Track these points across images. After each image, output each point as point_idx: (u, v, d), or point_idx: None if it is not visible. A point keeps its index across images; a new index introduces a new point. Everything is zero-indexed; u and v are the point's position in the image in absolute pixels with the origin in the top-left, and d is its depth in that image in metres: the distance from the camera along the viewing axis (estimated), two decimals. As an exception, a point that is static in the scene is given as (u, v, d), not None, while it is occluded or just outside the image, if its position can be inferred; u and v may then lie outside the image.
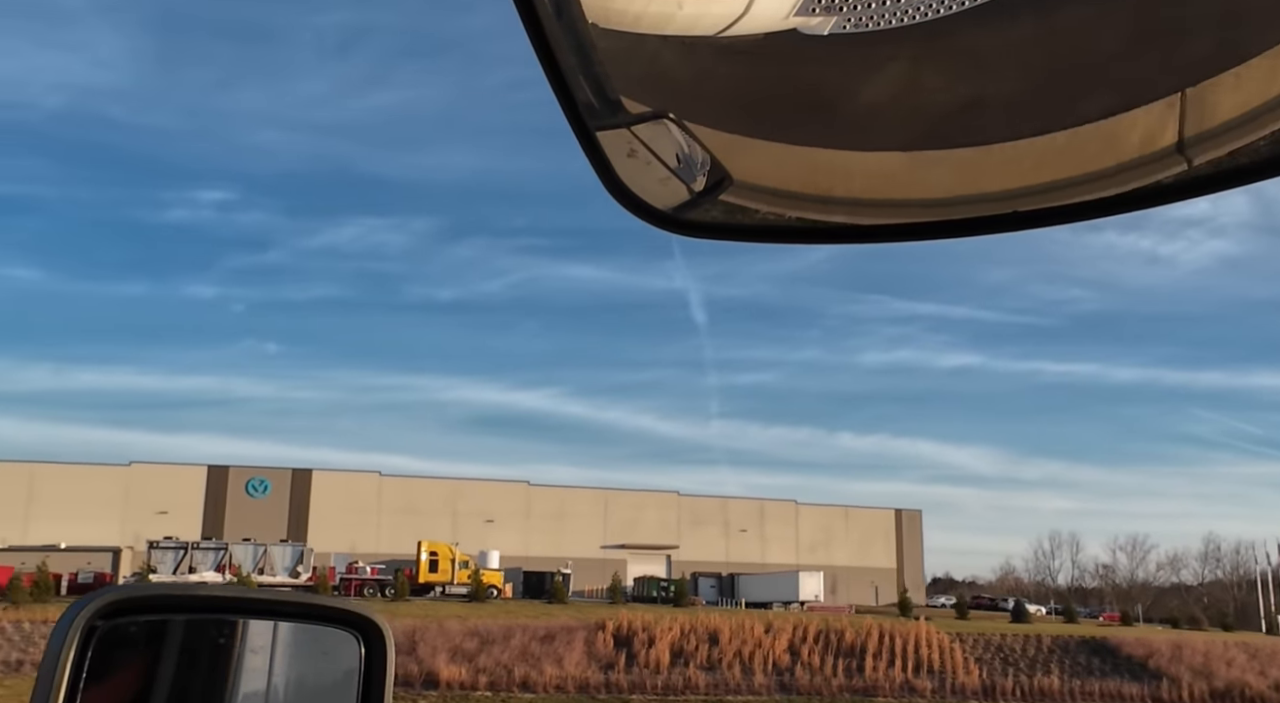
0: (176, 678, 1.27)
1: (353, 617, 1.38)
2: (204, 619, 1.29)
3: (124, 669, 1.22)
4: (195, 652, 1.29)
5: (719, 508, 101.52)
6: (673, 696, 38.74)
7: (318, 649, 1.36)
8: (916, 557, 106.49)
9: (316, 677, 1.38)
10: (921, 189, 0.98)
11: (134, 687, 1.23)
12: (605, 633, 44.12)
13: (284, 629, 1.34)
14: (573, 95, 0.95)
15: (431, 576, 61.17)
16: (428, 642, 41.78)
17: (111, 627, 1.20)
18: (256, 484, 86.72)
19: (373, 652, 1.38)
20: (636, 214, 1.02)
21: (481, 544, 78.04)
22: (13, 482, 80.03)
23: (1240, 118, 0.81)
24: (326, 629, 1.37)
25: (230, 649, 1.29)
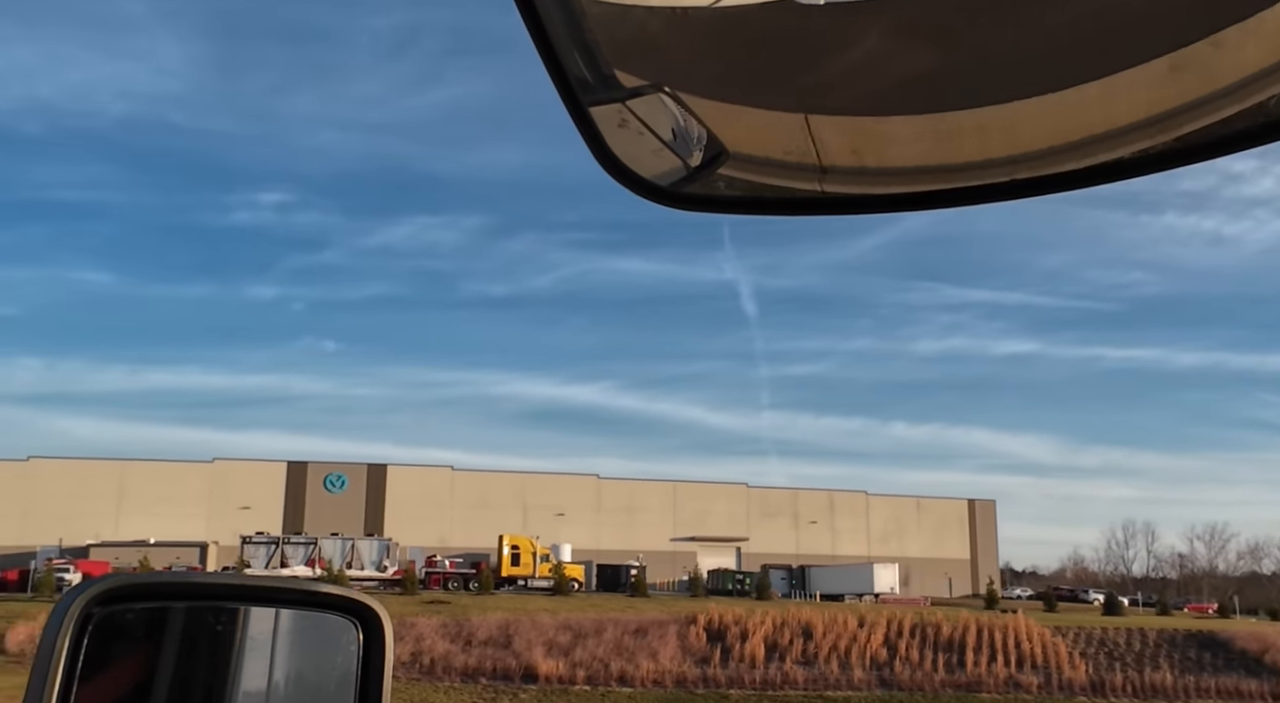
0: (175, 666, 1.24)
1: (351, 604, 1.36)
2: (203, 607, 1.26)
3: (121, 657, 1.20)
4: (194, 639, 1.27)
5: (789, 500, 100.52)
6: (771, 691, 38.15)
7: (317, 636, 1.34)
8: (991, 548, 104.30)
9: (316, 664, 1.34)
10: (925, 156, 0.96)
11: (132, 674, 1.21)
12: (697, 627, 43.68)
13: (283, 617, 1.31)
14: (564, 70, 0.95)
15: (513, 569, 61.38)
16: (522, 635, 41.77)
17: (108, 614, 1.18)
18: (334, 480, 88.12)
19: (371, 639, 1.35)
20: (634, 190, 1.01)
21: (553, 538, 78.28)
22: (105, 479, 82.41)
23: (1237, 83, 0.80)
24: (325, 616, 1.35)
25: (229, 637, 1.27)
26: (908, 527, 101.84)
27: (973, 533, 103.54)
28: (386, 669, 1.37)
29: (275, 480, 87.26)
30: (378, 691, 1.36)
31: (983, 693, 37.96)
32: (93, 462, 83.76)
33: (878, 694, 37.94)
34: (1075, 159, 0.89)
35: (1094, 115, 0.87)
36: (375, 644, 1.38)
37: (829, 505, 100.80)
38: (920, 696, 37.67)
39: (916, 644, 41.82)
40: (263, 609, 1.32)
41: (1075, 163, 0.90)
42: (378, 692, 1.36)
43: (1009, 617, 44.98)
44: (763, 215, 1.06)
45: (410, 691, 36.55)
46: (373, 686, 1.36)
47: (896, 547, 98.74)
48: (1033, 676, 39.21)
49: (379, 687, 1.36)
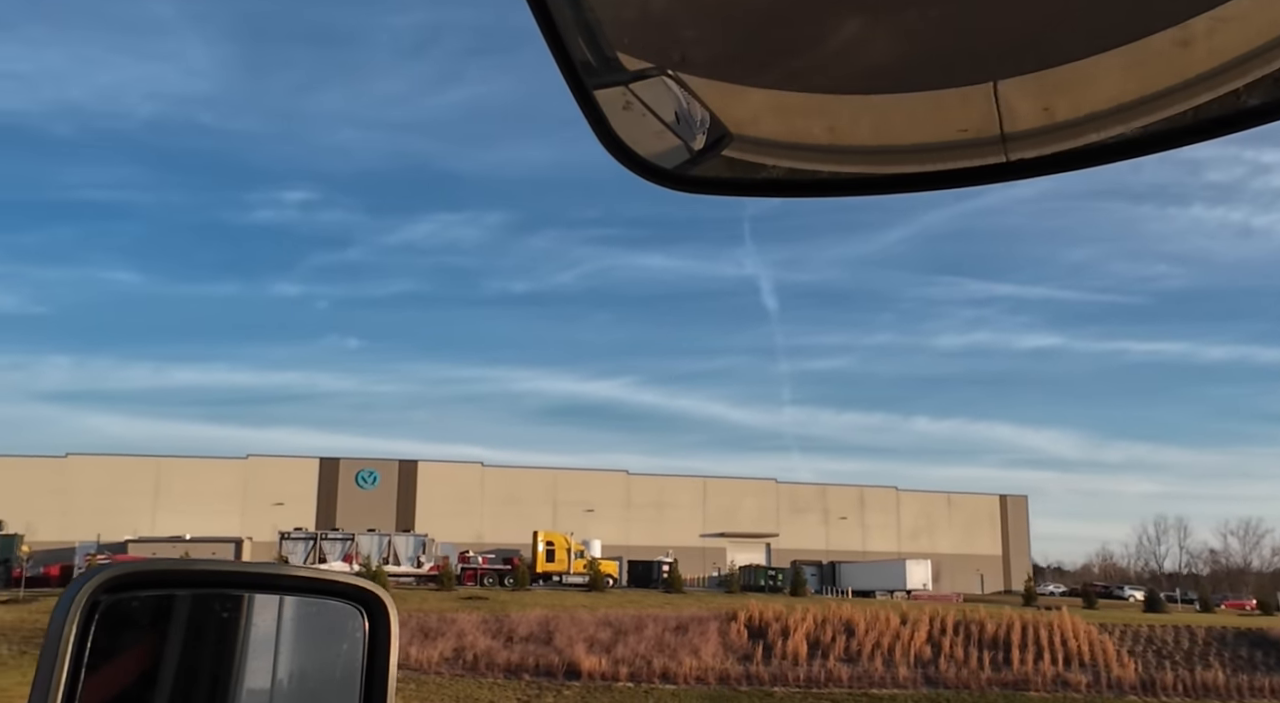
0: (181, 653, 1.25)
1: (356, 590, 1.36)
2: (209, 594, 1.27)
3: (129, 644, 1.21)
4: (200, 627, 1.27)
5: (818, 495, 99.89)
6: (815, 688, 37.77)
7: (323, 624, 1.34)
8: (1023, 544, 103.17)
9: (322, 651, 1.35)
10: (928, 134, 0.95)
11: (139, 661, 1.22)
12: (738, 624, 43.38)
13: (289, 604, 1.31)
14: (568, 53, 0.95)
15: (548, 565, 61.30)
16: (562, 632, 41.63)
17: (115, 602, 1.19)
18: (366, 476, 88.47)
19: (376, 625, 1.36)
20: (639, 173, 1.01)
21: (582, 533, 78.17)
22: (141, 475, 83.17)
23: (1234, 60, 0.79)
24: (331, 603, 1.35)
25: (236, 624, 1.27)
26: (938, 523, 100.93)
27: (1004, 529, 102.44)
28: (392, 656, 1.37)
29: (308, 477, 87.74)
30: (383, 678, 1.35)
31: (1030, 691, 37.39)
32: (129, 458, 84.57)
33: (923, 693, 37.47)
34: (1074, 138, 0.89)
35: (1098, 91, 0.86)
36: (381, 631, 1.37)
37: (859, 501, 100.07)
38: (967, 694, 37.16)
39: (960, 642, 41.29)
40: (268, 597, 1.31)
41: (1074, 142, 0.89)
42: (383, 679, 1.35)
43: (1053, 614, 44.33)
44: (768, 197, 1.04)
45: (454, 687, 36.50)
46: (379, 673, 1.35)
47: (927, 543, 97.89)
48: (1081, 674, 38.58)
49: (385, 674, 1.35)
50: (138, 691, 1.23)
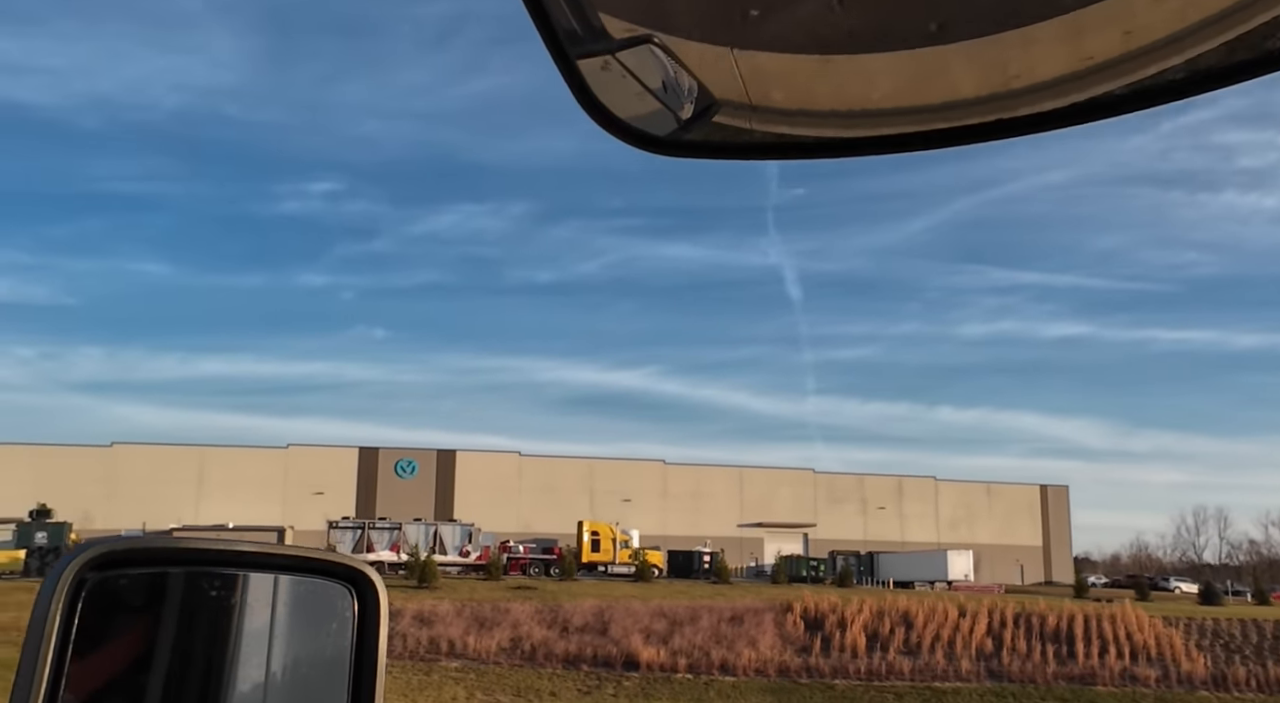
0: (171, 631, 1.24)
1: (345, 569, 1.36)
2: (197, 572, 1.26)
3: (116, 623, 1.20)
4: (189, 605, 1.25)
5: (856, 485, 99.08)
6: (877, 681, 37.19)
7: (313, 603, 1.34)
8: (1064, 535, 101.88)
9: (312, 630, 1.34)
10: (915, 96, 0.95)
11: (127, 640, 1.21)
12: (793, 615, 42.85)
13: (279, 583, 1.31)
14: (552, 22, 0.94)
15: (594, 555, 61.04)
16: (618, 622, 41.29)
17: (102, 580, 1.17)
18: (405, 465, 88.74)
19: (366, 604, 1.35)
20: (626, 140, 1.01)
21: (621, 523, 77.96)
22: (184, 464, 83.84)
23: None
24: (320, 582, 1.34)
25: (225, 602, 1.26)
26: (978, 513, 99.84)
27: (1045, 519, 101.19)
28: (382, 636, 1.35)
29: (347, 466, 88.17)
30: (373, 657, 1.34)
31: (1098, 686, 36.60)
32: (173, 448, 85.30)
33: (988, 686, 36.78)
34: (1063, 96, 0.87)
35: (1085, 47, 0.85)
36: (370, 610, 1.34)
37: (897, 491, 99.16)
38: (1033, 688, 36.43)
39: (1022, 634, 40.53)
40: (259, 576, 1.30)
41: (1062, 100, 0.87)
42: (373, 658, 1.34)
43: (1115, 606, 43.44)
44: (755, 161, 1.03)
45: (514, 677, 36.29)
46: (368, 652, 1.34)
47: (966, 533, 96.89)
48: (1149, 668, 37.74)
49: (374, 653, 1.34)
50: (130, 670, 1.19)
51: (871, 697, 35.90)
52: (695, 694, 35.81)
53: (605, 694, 35.20)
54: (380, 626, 1.36)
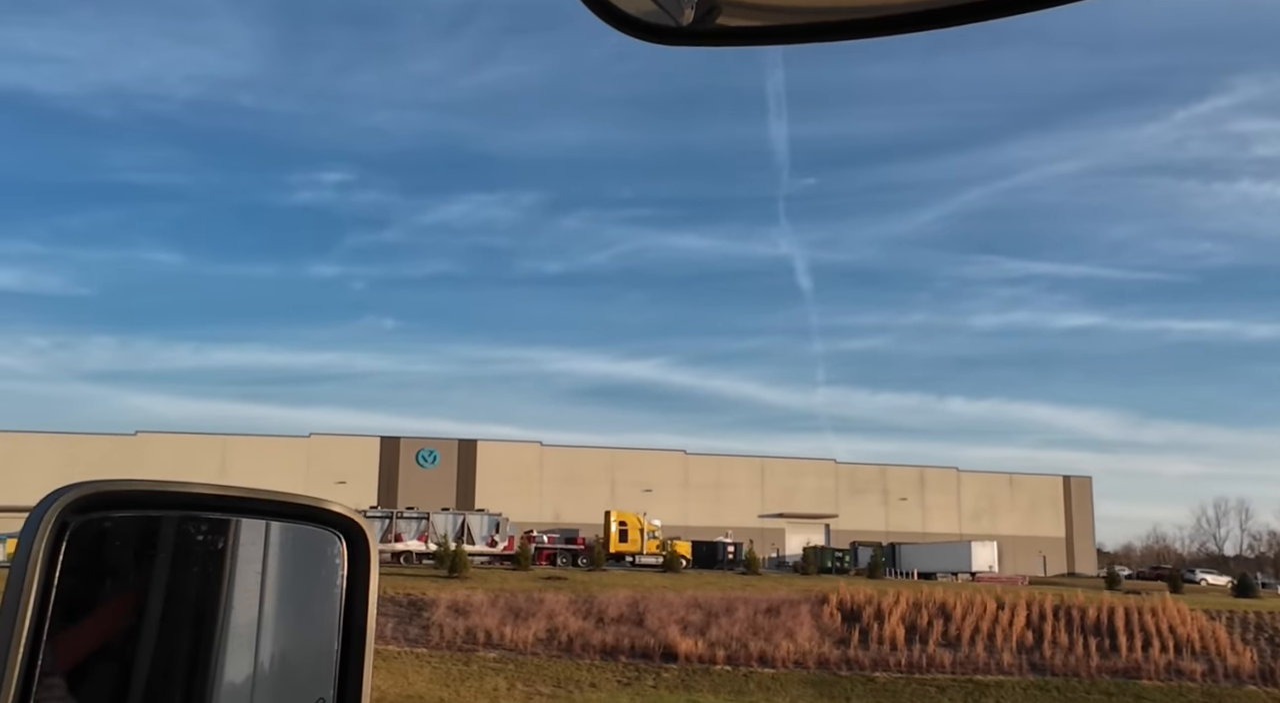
0: (153, 575, 1.22)
1: (334, 517, 1.34)
2: (185, 517, 1.24)
3: (99, 566, 1.18)
4: (174, 549, 1.23)
5: (878, 476, 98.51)
6: (918, 674, 36.77)
7: (302, 549, 1.32)
8: (1086, 526, 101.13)
9: (302, 576, 1.33)
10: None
11: (110, 584, 1.20)
12: (830, 606, 42.45)
13: (268, 529, 1.29)
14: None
15: (621, 545, 60.71)
16: (653, 613, 40.96)
17: (85, 523, 1.15)
18: (426, 455, 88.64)
19: (356, 552, 1.34)
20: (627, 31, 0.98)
21: (648, 514, 77.62)
22: (208, 453, 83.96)
23: None
24: (310, 529, 1.33)
25: (211, 547, 1.25)
26: (1000, 504, 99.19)
27: (1067, 511, 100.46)
28: (372, 583, 1.34)
29: (369, 455, 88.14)
30: (364, 604, 1.33)
31: (1142, 680, 36.06)
32: (196, 436, 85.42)
33: (1031, 679, 36.29)
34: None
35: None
36: (360, 559, 1.33)
37: (919, 482, 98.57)
38: (1076, 682, 35.93)
39: (1063, 627, 40.02)
40: (249, 521, 1.28)
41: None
42: (364, 605, 1.32)
43: (1156, 599, 42.88)
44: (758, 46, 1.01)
45: (553, 668, 36.02)
46: (359, 599, 1.33)
47: (989, 524, 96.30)
48: (1194, 662, 37.18)
49: (365, 600, 1.33)
50: (117, 616, 1.17)
51: (913, 690, 35.48)
52: (735, 686, 35.47)
53: (645, 686, 34.89)
54: (370, 574, 1.34)
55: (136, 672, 1.15)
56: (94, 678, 1.13)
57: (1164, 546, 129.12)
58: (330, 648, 1.29)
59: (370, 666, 1.29)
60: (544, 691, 33.19)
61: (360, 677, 1.30)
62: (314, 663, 1.29)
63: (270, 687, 1.25)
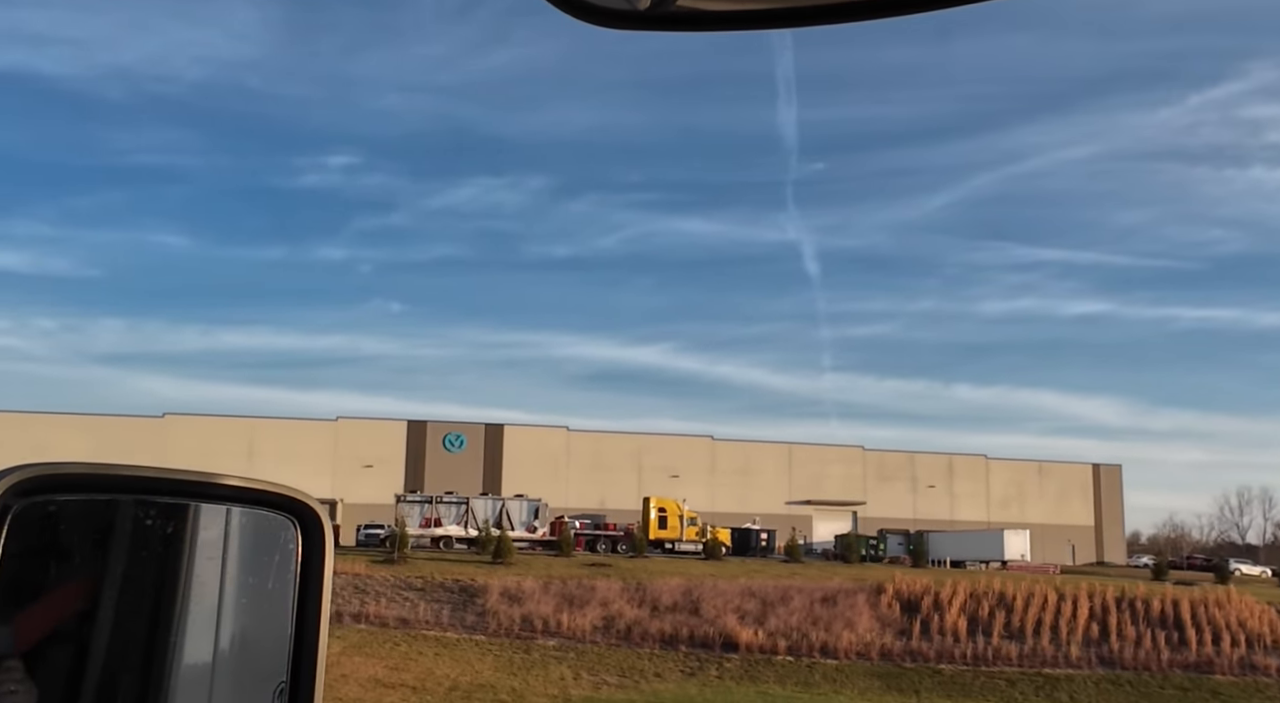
0: (103, 564, 1.20)
1: (287, 501, 1.34)
2: (134, 501, 1.23)
3: (42, 551, 1.17)
4: (124, 535, 1.22)
5: (906, 463, 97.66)
6: (983, 666, 35.96)
7: (255, 534, 1.31)
8: (1116, 515, 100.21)
9: (254, 562, 1.32)
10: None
11: (57, 568, 1.19)
12: (887, 596, 41.65)
13: (218, 513, 1.29)
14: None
15: (660, 532, 59.95)
16: (708, 601, 40.21)
17: (28, 507, 1.14)
18: (453, 439, 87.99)
19: (310, 537, 1.33)
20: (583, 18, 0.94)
21: (688, 501, 76.84)
22: (236, 436, 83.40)
23: None
24: (263, 514, 1.32)
25: (162, 532, 1.24)
26: (1029, 492, 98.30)
27: (1097, 499, 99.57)
28: (326, 569, 1.31)
29: (396, 439, 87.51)
30: (318, 590, 1.30)
31: (1217, 675, 35.20)
32: (224, 419, 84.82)
33: (1100, 673, 35.45)
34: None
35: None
36: (314, 543, 1.32)
37: (948, 469, 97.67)
38: (1148, 676, 35.07)
39: (1128, 619, 39.15)
40: (199, 506, 1.25)
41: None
42: (318, 592, 1.29)
43: (1220, 590, 41.95)
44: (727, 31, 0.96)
45: (614, 656, 35.29)
46: (313, 585, 1.29)
47: (1017, 512, 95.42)
48: (1267, 657, 36.28)
49: (319, 587, 1.30)
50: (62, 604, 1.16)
51: (981, 683, 34.66)
52: (799, 677, 34.70)
53: (709, 676, 34.14)
54: (325, 559, 1.30)
55: (93, 654, 1.13)
56: (50, 660, 1.11)
57: (1179, 534, 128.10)
58: (284, 631, 1.26)
59: (324, 649, 1.25)
60: (610, 680, 32.46)
61: (314, 660, 1.26)
62: (273, 647, 1.26)
63: (230, 670, 1.23)
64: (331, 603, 1.28)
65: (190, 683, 1.20)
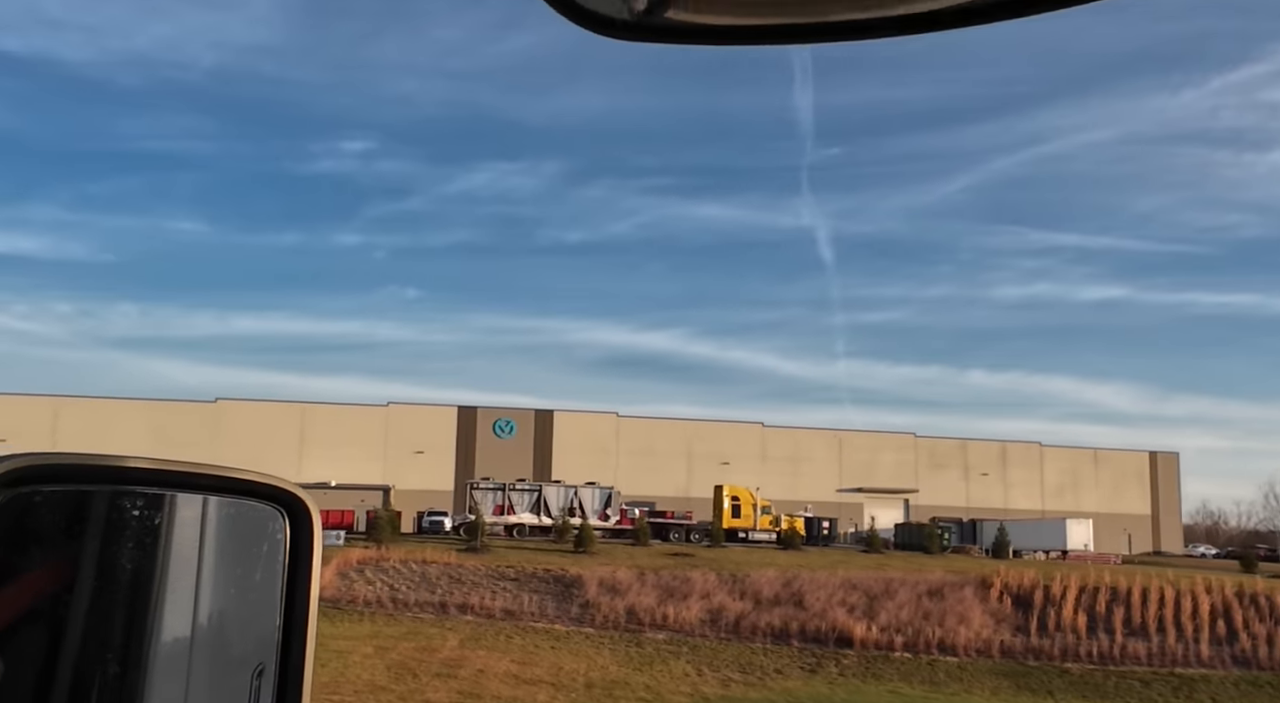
0: (92, 555, 1.19)
1: (275, 491, 1.33)
2: (122, 492, 1.21)
3: (30, 542, 1.16)
4: (112, 526, 1.21)
5: (958, 450, 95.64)
6: (1111, 665, 34.15)
7: (242, 525, 1.31)
8: (1173, 504, 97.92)
9: (242, 553, 1.31)
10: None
11: (42, 562, 1.18)
12: (994, 589, 39.84)
13: (208, 504, 1.28)
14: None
15: (734, 521, 58.30)
16: (810, 594, 38.52)
17: (15, 497, 1.14)
18: (503, 425, 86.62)
19: (298, 528, 1.32)
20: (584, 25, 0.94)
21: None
22: (287, 421, 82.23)
23: None
24: (251, 504, 1.31)
25: (150, 523, 1.23)
26: (1083, 480, 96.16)
27: (1154, 488, 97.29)
28: (315, 560, 1.29)
29: (446, 425, 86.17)
30: (306, 581, 1.28)
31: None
32: (276, 404, 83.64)
33: (1237, 673, 33.56)
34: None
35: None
36: (302, 534, 1.31)
37: (1001, 457, 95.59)
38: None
39: (1254, 616, 37.20)
40: (187, 497, 1.22)
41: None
42: (306, 583, 1.28)
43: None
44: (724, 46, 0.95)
45: (727, 651, 33.66)
46: (301, 576, 1.28)
47: (1072, 501, 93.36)
48: None
49: (307, 578, 1.28)
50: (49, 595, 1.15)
51: (1114, 684, 32.83)
52: (922, 675, 32.96)
53: (829, 673, 32.46)
54: (314, 550, 1.29)
55: (68, 638, 1.15)
56: (22, 642, 1.12)
57: (1213, 522, 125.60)
58: (273, 620, 1.26)
59: (314, 637, 1.27)
60: (734, 677, 30.82)
61: (304, 647, 1.28)
62: (255, 634, 1.27)
63: (208, 654, 1.24)
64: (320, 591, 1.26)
65: (168, 662, 1.18)
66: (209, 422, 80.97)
